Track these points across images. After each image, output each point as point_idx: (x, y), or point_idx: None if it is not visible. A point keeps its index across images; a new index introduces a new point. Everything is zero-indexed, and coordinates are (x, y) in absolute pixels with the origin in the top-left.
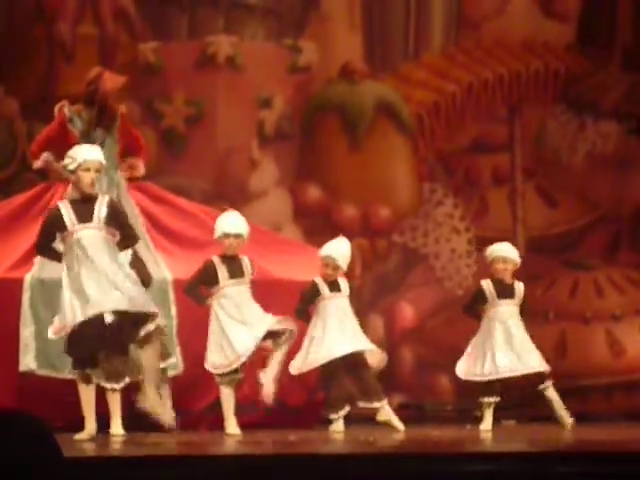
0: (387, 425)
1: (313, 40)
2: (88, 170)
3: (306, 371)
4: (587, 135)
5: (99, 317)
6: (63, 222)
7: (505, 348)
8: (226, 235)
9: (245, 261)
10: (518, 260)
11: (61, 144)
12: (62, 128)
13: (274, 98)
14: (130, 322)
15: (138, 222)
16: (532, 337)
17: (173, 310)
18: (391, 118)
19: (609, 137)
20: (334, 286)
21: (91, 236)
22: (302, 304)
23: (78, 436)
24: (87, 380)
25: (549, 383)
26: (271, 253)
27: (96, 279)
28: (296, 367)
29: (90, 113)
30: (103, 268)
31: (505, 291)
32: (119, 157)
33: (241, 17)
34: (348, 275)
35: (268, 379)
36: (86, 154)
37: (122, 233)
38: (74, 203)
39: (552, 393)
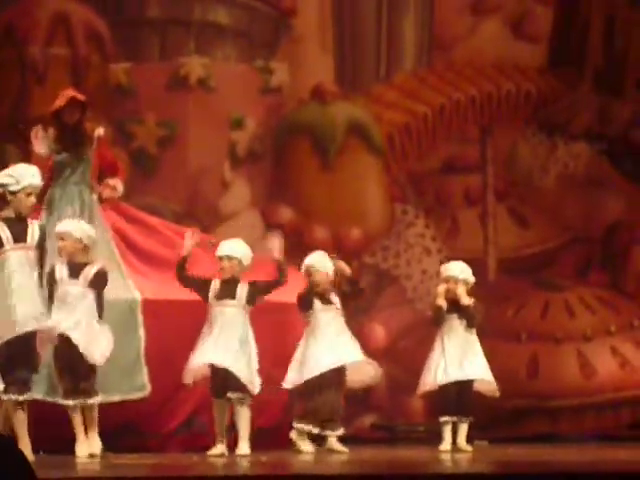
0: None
1: (285, 61)
2: (30, 195)
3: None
4: (558, 156)
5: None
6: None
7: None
8: (219, 258)
9: (239, 286)
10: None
11: (37, 164)
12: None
13: (246, 119)
14: None
15: (111, 243)
16: (504, 357)
17: (141, 331)
18: (362, 139)
19: (580, 158)
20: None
21: (20, 257)
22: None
23: None
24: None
25: None
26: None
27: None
28: (290, 381)
29: (54, 133)
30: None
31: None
32: (94, 179)
33: (213, 38)
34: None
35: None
36: (32, 178)
37: None
38: (9, 222)
39: None
